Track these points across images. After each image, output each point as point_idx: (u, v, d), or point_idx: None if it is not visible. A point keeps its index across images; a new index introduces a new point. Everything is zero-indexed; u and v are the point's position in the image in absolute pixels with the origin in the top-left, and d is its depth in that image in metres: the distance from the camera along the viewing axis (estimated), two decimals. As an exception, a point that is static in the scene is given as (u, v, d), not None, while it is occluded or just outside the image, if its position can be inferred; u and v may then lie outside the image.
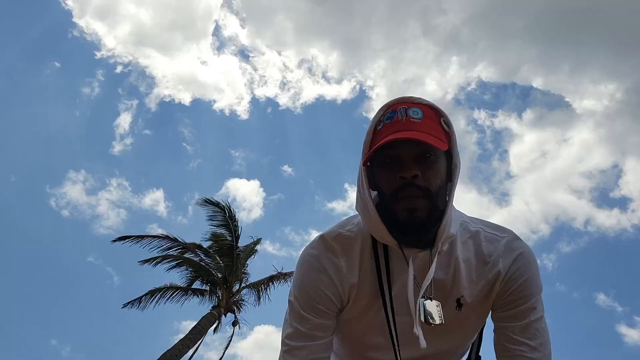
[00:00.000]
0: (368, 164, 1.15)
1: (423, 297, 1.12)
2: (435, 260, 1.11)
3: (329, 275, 1.18)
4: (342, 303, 1.20)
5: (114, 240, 14.09)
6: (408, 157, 1.06)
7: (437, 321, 1.11)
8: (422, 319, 1.10)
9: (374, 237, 1.17)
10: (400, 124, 1.07)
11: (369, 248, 1.19)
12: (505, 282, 1.16)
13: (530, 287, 1.16)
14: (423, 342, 1.09)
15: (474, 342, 1.35)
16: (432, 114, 1.10)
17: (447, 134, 1.11)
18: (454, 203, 1.15)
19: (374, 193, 1.16)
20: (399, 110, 1.09)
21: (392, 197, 1.07)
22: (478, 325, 1.26)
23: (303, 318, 1.18)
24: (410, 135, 1.04)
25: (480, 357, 1.36)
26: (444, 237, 1.10)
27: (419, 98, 1.12)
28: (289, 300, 1.21)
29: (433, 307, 1.13)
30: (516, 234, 1.21)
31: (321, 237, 1.22)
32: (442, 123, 1.11)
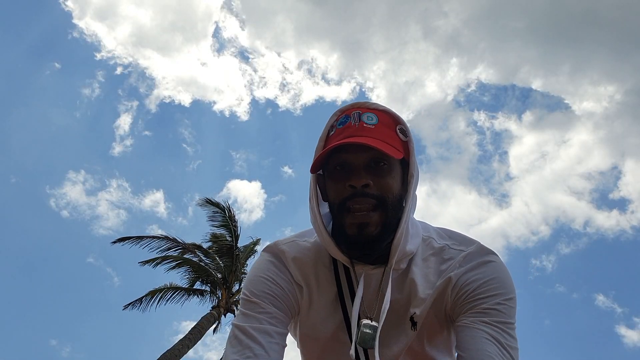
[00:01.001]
0: (321, 172, 1.06)
1: (368, 318, 1.03)
2: (390, 280, 1.02)
3: (283, 272, 1.10)
4: (297, 303, 1.11)
5: (114, 242, 14.12)
6: (359, 164, 0.98)
7: (372, 346, 1.01)
8: (358, 342, 1.01)
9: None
10: (352, 129, 0.99)
11: (327, 262, 1.10)
12: (459, 287, 1.02)
13: (491, 289, 1.00)
14: None
15: None
16: (388, 120, 1.03)
17: (404, 143, 1.04)
18: (414, 216, 1.07)
19: (327, 205, 1.08)
20: (353, 116, 1.02)
21: (340, 208, 0.99)
22: (437, 338, 1.12)
23: (255, 304, 1.06)
24: (360, 141, 0.96)
25: None
26: (399, 253, 1.01)
27: (375, 103, 1.05)
28: (241, 296, 1.12)
29: (372, 329, 1.02)
30: (485, 246, 1.08)
31: (275, 242, 1.15)
32: (398, 131, 1.03)
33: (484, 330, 0.96)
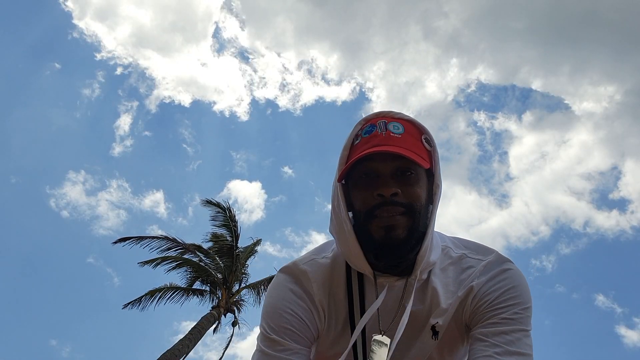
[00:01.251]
0: (343, 181, 1.05)
1: (379, 332, 1.02)
2: (414, 291, 1.01)
3: (303, 298, 1.08)
4: (316, 330, 1.09)
5: (115, 242, 14.12)
6: (387, 173, 0.97)
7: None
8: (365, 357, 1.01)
9: (349, 264, 1.06)
10: (379, 138, 0.98)
11: (344, 275, 1.08)
12: (480, 297, 1.03)
13: (510, 299, 1.01)
14: None
15: None
16: (414, 130, 1.02)
17: (429, 152, 1.03)
18: (435, 227, 1.05)
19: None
20: (379, 125, 1.01)
21: (367, 216, 0.98)
22: (457, 349, 1.12)
23: (274, 341, 1.04)
24: (390, 149, 0.95)
25: None
26: (424, 264, 1.01)
27: (400, 113, 1.03)
28: (260, 329, 1.10)
29: (381, 344, 1.01)
30: (502, 255, 1.09)
31: (294, 262, 1.13)
32: (424, 140, 1.03)
33: (494, 342, 0.98)
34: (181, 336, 13.05)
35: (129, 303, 14.34)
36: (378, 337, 1.02)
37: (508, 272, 1.06)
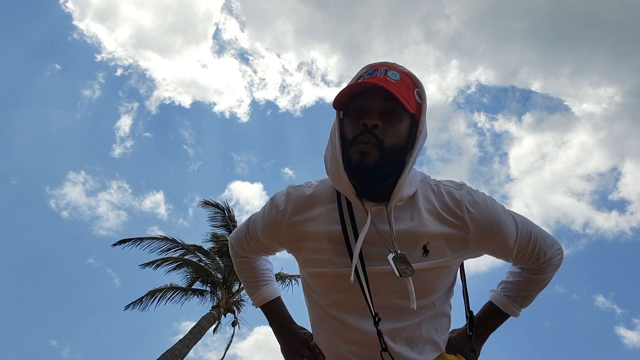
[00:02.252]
0: (342, 115, 1.21)
1: (391, 252, 1.14)
2: (392, 213, 1.16)
3: (276, 222, 1.29)
4: (282, 243, 1.32)
5: (114, 244, 14.11)
6: (375, 109, 1.14)
7: (411, 273, 1.12)
8: (397, 273, 1.11)
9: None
10: (376, 80, 1.13)
11: (329, 200, 1.24)
12: (479, 237, 1.20)
13: (504, 229, 1.22)
14: (396, 272, 1.11)
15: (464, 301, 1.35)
16: (409, 81, 1.18)
17: (419, 105, 1.19)
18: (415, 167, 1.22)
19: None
20: (380, 70, 1.17)
21: (352, 141, 1.14)
22: (449, 274, 1.25)
23: (250, 230, 1.40)
24: (380, 84, 1.10)
25: (472, 312, 1.36)
26: (400, 194, 1.15)
27: (401, 66, 1.20)
28: (251, 217, 1.42)
29: (403, 257, 1.13)
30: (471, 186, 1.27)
31: (290, 185, 1.33)
32: (415, 93, 1.18)
33: (520, 252, 1.29)
34: (181, 336, 13.06)
35: (130, 304, 14.35)
36: (392, 255, 1.13)
37: (486, 202, 1.23)
